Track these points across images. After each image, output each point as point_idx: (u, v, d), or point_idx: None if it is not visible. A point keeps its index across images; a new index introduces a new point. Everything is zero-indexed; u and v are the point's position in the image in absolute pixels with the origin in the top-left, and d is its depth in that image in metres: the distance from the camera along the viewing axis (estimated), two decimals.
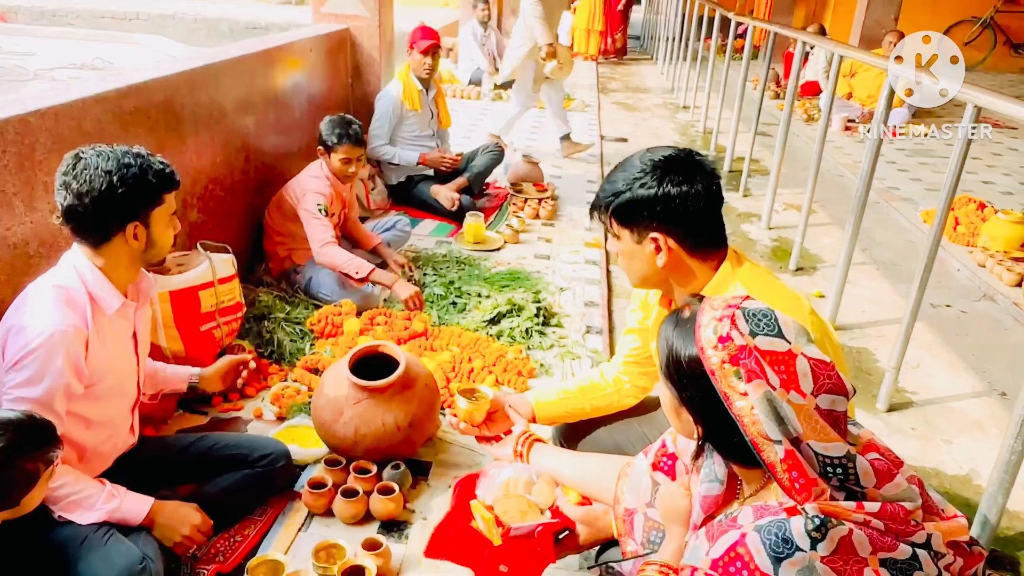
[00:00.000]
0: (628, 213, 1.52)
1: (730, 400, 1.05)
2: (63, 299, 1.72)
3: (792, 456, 1.02)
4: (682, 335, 1.14)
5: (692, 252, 1.53)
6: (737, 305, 1.10)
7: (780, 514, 1.02)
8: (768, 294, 1.51)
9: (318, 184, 3.37)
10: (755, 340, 1.06)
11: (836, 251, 4.64)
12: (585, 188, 5.61)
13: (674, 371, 1.15)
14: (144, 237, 1.79)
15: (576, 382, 2.00)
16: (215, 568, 1.93)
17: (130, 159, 1.73)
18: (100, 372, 1.79)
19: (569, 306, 3.62)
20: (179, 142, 2.94)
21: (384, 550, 1.95)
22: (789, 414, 1.03)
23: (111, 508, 1.77)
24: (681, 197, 1.47)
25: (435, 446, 2.50)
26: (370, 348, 2.39)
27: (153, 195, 1.77)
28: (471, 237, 4.29)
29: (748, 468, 1.16)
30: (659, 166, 1.50)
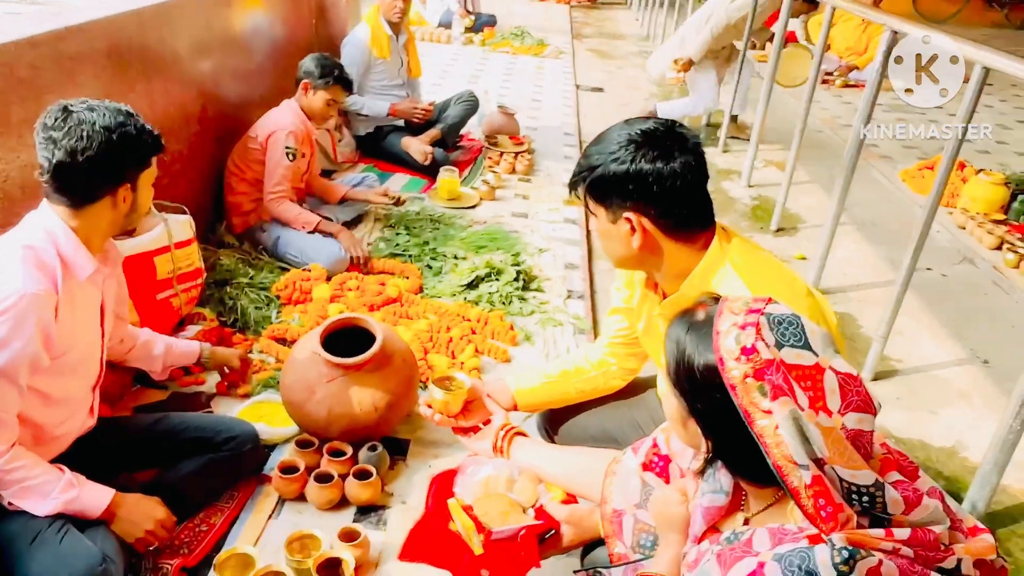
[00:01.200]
0: (602, 190, 1.41)
1: (751, 418, 0.94)
2: (32, 260, 1.57)
3: (820, 482, 0.92)
4: (696, 340, 1.01)
5: (671, 233, 1.41)
6: (760, 311, 0.98)
7: (801, 542, 0.92)
8: (764, 277, 1.41)
9: (291, 120, 3.22)
10: (781, 352, 0.94)
11: (817, 211, 4.58)
12: (563, 141, 5.42)
13: (685, 380, 1.03)
14: (131, 201, 1.68)
15: (559, 365, 1.88)
16: (179, 562, 1.80)
17: (123, 117, 1.63)
18: (67, 343, 1.64)
19: (549, 268, 3.48)
20: (127, 90, 2.68)
21: (362, 540, 1.84)
22: (816, 436, 0.92)
23: (68, 498, 1.62)
24: (655, 175, 1.35)
25: (413, 422, 2.37)
26: (343, 320, 2.24)
27: (145, 157, 1.68)
28: (445, 193, 4.10)
29: (759, 486, 1.06)
30: (634, 140, 1.38)
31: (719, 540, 1.04)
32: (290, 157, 3.17)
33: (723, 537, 1.04)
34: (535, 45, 8.52)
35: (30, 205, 2.12)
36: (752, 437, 0.94)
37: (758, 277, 1.38)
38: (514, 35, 8.81)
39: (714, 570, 0.97)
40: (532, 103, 6.30)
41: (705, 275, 1.41)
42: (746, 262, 1.40)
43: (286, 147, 3.15)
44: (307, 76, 3.25)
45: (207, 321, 2.64)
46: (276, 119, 3.24)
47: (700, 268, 1.41)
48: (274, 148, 3.17)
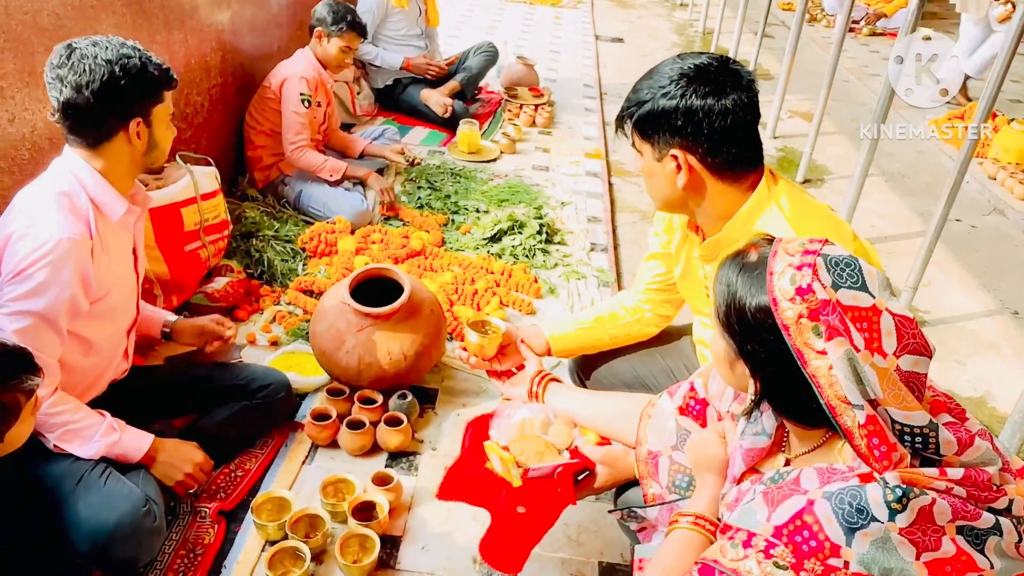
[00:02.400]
0: (649, 126, 1.37)
1: (805, 358, 0.93)
2: (66, 205, 1.57)
3: (874, 421, 0.91)
4: (749, 281, 1.00)
5: (718, 173, 1.38)
6: (817, 251, 0.96)
7: (851, 480, 0.92)
8: (810, 220, 1.39)
9: (303, 67, 3.18)
10: (837, 293, 0.93)
11: (844, 162, 4.50)
12: (582, 93, 5.33)
13: (735, 321, 1.02)
14: (146, 136, 1.65)
15: (593, 312, 1.87)
16: (217, 506, 1.84)
17: (128, 50, 1.59)
18: (105, 286, 1.65)
19: (572, 222, 3.46)
20: (148, 41, 2.65)
21: (395, 485, 1.87)
22: (871, 377, 0.91)
23: (111, 441, 1.65)
24: (705, 111, 1.31)
25: (440, 372, 2.40)
26: (371, 271, 2.24)
27: (155, 90, 1.64)
28: (465, 147, 4.06)
29: (806, 428, 1.06)
30: (687, 74, 1.34)
31: (762, 480, 1.05)
32: (305, 104, 3.13)
33: (767, 477, 1.04)
34: None
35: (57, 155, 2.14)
36: (802, 378, 0.94)
37: (805, 220, 1.36)
38: None
39: (760, 508, 0.98)
40: (551, 55, 6.19)
41: (750, 217, 1.39)
42: (793, 205, 1.37)
43: (300, 94, 3.12)
44: (319, 23, 3.19)
45: (234, 273, 2.65)
46: (289, 67, 3.20)
47: (745, 209, 1.39)
48: (288, 96, 3.14)
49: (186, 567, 1.70)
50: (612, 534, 1.87)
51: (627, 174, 4.19)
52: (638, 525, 1.45)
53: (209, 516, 1.82)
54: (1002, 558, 0.90)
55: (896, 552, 0.87)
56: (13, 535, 1.51)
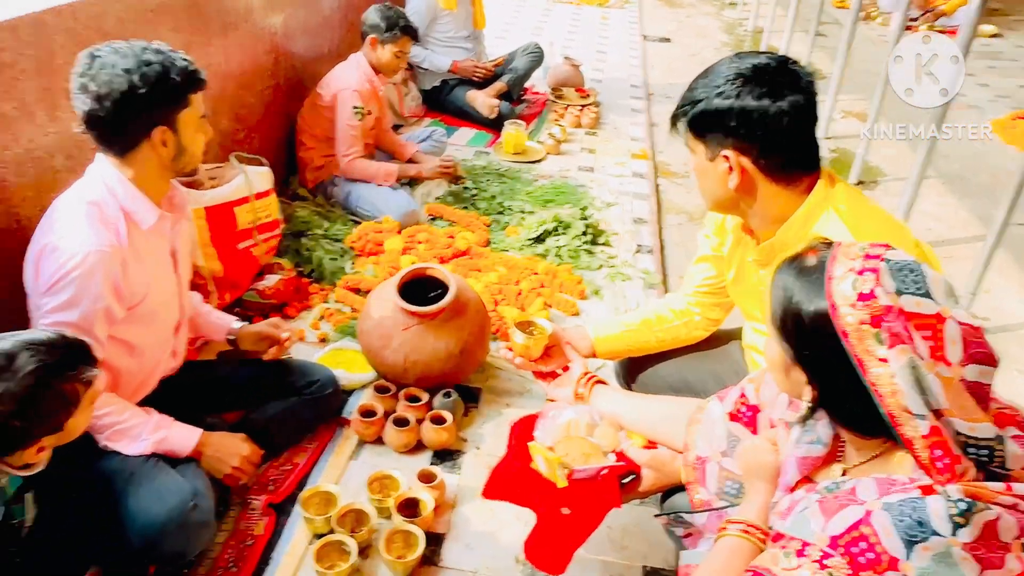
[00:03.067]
0: (703, 125, 1.36)
1: (865, 366, 0.91)
2: (96, 216, 1.58)
3: (937, 432, 0.89)
4: (807, 286, 0.98)
5: (772, 175, 1.36)
6: (880, 256, 0.94)
7: (912, 492, 0.89)
8: (870, 224, 1.35)
9: (356, 80, 3.22)
10: (900, 300, 0.90)
11: (898, 163, 4.37)
12: (629, 94, 5.29)
13: (792, 326, 1.00)
14: (173, 143, 1.63)
15: (639, 314, 1.86)
16: (267, 499, 1.88)
17: (150, 55, 1.55)
18: (140, 293, 1.68)
19: (617, 223, 3.44)
20: (205, 43, 2.73)
21: (439, 482, 1.89)
22: (934, 386, 0.89)
23: (158, 439, 1.70)
24: (760, 112, 1.29)
25: (484, 371, 2.41)
26: (418, 271, 2.26)
27: (178, 95, 1.60)
28: (511, 147, 4.07)
29: (864, 437, 1.03)
30: (743, 74, 1.32)
31: (817, 489, 1.02)
32: (358, 117, 3.18)
33: (822, 486, 1.02)
34: None
35: None
36: (861, 386, 0.92)
37: (864, 224, 1.33)
38: None
39: (815, 517, 0.95)
40: (597, 55, 6.16)
41: (806, 220, 1.36)
42: (852, 208, 1.34)
43: (354, 107, 3.16)
44: (373, 30, 3.22)
45: (285, 271, 2.71)
46: (342, 77, 3.24)
47: (801, 212, 1.36)
48: (342, 108, 3.18)
49: (236, 558, 1.74)
50: (656, 539, 1.85)
51: (674, 175, 4.14)
52: (684, 531, 1.43)
53: (259, 508, 1.86)
54: None
55: (958, 568, 0.85)
56: (72, 526, 1.56)
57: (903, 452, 0.98)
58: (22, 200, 1.90)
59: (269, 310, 2.56)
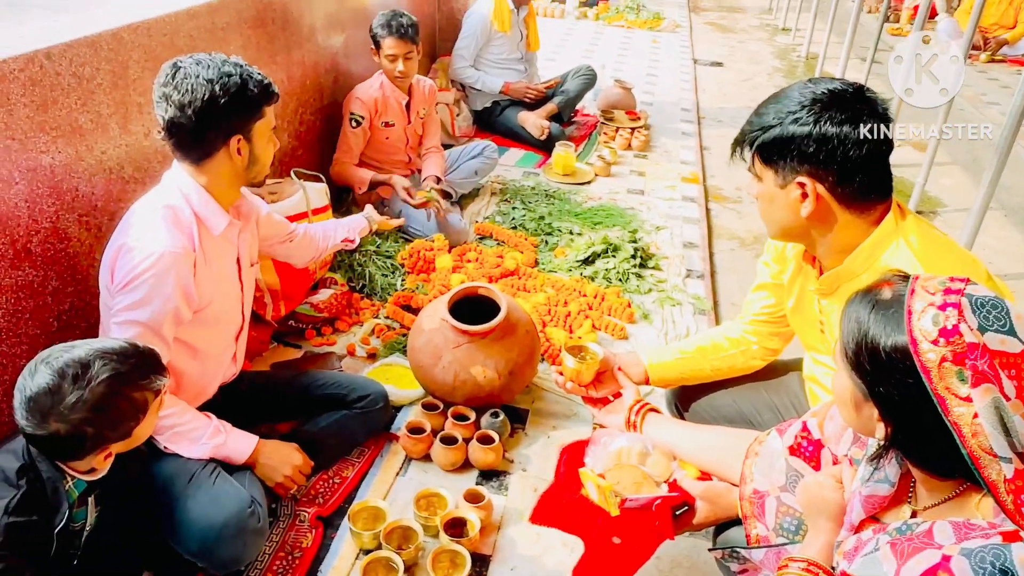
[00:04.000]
0: (775, 151, 1.33)
1: (947, 405, 0.88)
2: (171, 219, 1.65)
3: (1022, 476, 0.85)
4: (884, 320, 0.95)
5: (847, 203, 1.33)
6: (961, 291, 0.91)
7: (993, 538, 0.86)
8: (941, 258, 1.32)
9: (365, 90, 3.23)
10: (984, 337, 0.87)
11: (958, 194, 4.27)
12: (679, 117, 5.27)
13: (867, 361, 0.97)
14: (247, 152, 1.70)
15: (694, 341, 1.83)
16: (316, 511, 1.90)
17: (230, 68, 1.63)
18: (207, 296, 1.73)
19: (667, 247, 3.41)
20: (270, 61, 2.81)
21: (486, 503, 1.88)
22: (1020, 427, 0.86)
23: (217, 443, 1.74)
24: (840, 138, 1.27)
25: (531, 393, 2.40)
26: (469, 289, 2.27)
27: (255, 107, 1.67)
28: (560, 168, 4.09)
29: (938, 478, 0.99)
30: (820, 100, 1.29)
31: (887, 530, 0.99)
32: (352, 124, 3.19)
33: (893, 527, 0.99)
34: (651, 19, 8.32)
35: None
36: (940, 425, 0.89)
37: (934, 257, 1.29)
38: (629, 8, 8.63)
39: (887, 560, 0.92)
40: (648, 78, 6.16)
41: (874, 250, 1.34)
42: (922, 240, 1.31)
43: (351, 113, 3.19)
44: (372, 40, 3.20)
45: (338, 285, 2.75)
46: (358, 87, 3.26)
47: (869, 242, 1.34)
48: (345, 114, 3.22)
49: (285, 568, 1.76)
50: (705, 571, 1.81)
51: (725, 199, 4.10)
52: (739, 567, 1.40)
53: (308, 520, 1.88)
54: None
55: None
56: (134, 527, 1.59)
57: (981, 495, 0.95)
58: (93, 208, 1.97)
59: (321, 323, 2.60)
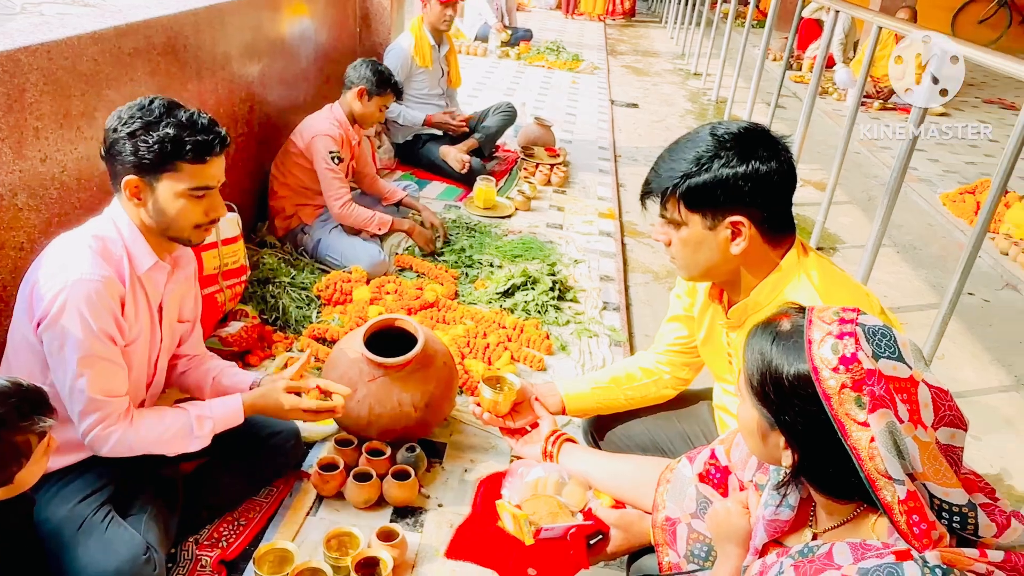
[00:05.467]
0: (703, 196, 1.35)
1: (846, 430, 0.92)
2: (98, 249, 1.57)
3: (914, 498, 0.89)
4: (786, 351, 0.99)
5: (769, 238, 1.39)
6: (854, 320, 0.96)
7: (887, 558, 0.90)
8: (839, 291, 1.39)
9: (327, 126, 3.21)
10: (878, 363, 0.92)
11: (855, 232, 4.53)
12: (597, 155, 5.42)
13: (772, 390, 1.00)
14: (149, 199, 1.59)
15: (609, 372, 1.86)
16: (218, 555, 1.80)
17: (155, 108, 1.55)
18: (132, 335, 1.64)
19: (584, 280, 3.47)
20: (180, 88, 2.73)
21: (400, 541, 1.83)
22: (912, 450, 0.90)
23: (208, 431, 1.71)
24: (768, 175, 1.32)
25: (449, 426, 2.37)
26: (385, 321, 2.24)
27: (157, 155, 1.54)
28: (481, 202, 4.12)
29: (837, 501, 1.03)
30: (738, 140, 1.35)
31: (790, 553, 1.02)
32: (335, 161, 3.19)
33: (795, 550, 1.01)
34: (570, 60, 8.56)
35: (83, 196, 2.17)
36: (840, 450, 0.92)
37: (833, 292, 1.36)
38: (549, 50, 8.87)
39: None
40: (567, 117, 6.32)
41: (778, 284, 1.39)
42: (822, 276, 1.38)
43: (329, 152, 3.17)
44: (363, 82, 3.22)
45: (249, 318, 2.66)
46: (313, 126, 3.23)
47: (774, 276, 1.39)
48: (318, 155, 3.17)
49: None
50: None
51: (640, 235, 4.22)
52: None
53: (210, 565, 1.78)
54: None
55: None
56: None
57: (876, 516, 0.99)
58: None
59: (232, 357, 2.50)
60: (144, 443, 1.63)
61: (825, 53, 4.53)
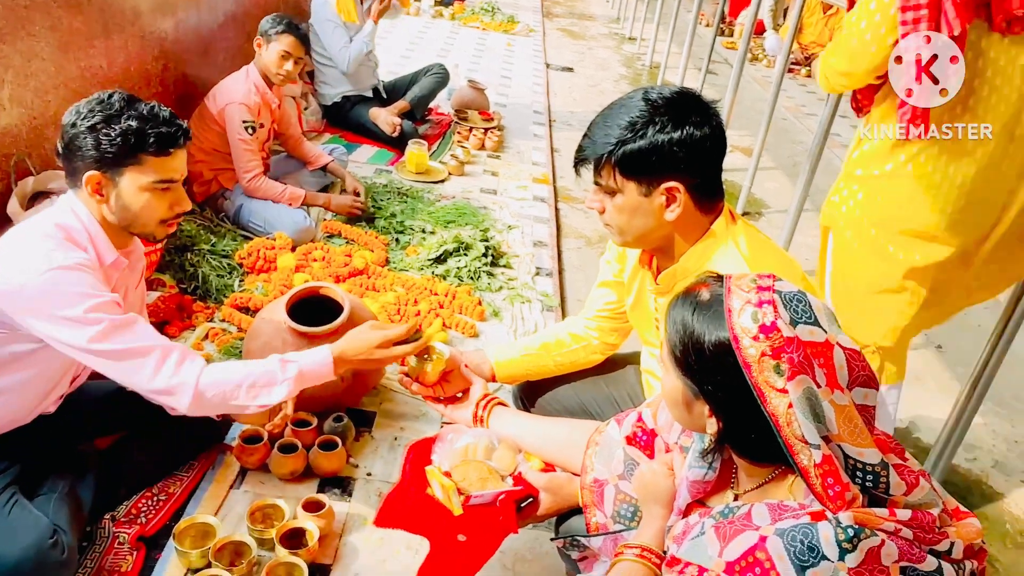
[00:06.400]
0: (638, 162, 1.34)
1: (765, 397, 0.93)
2: (63, 237, 1.49)
3: (829, 461, 0.92)
4: (706, 320, 0.99)
5: (701, 204, 1.39)
6: (771, 287, 0.97)
7: (803, 518, 0.92)
8: (765, 258, 1.41)
9: (242, 92, 3.06)
10: (796, 330, 0.93)
11: (781, 196, 4.65)
12: (531, 119, 5.38)
13: (694, 360, 1.00)
14: (111, 195, 1.53)
15: (539, 338, 1.86)
16: (136, 532, 1.74)
17: (115, 102, 1.50)
18: None
19: (518, 246, 3.46)
20: (86, 45, 2.56)
21: (327, 511, 1.80)
22: (829, 414, 0.92)
23: (294, 375, 1.57)
24: (702, 141, 1.32)
25: (379, 395, 2.34)
26: (309, 289, 2.18)
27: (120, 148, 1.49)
28: (413, 167, 4.04)
29: (758, 464, 1.06)
30: (671, 106, 1.34)
31: (712, 514, 1.04)
32: (249, 131, 3.04)
33: (716, 511, 1.03)
34: (505, 22, 8.43)
35: None
36: (760, 416, 0.93)
37: (760, 258, 1.37)
38: (484, 11, 8.70)
39: (712, 543, 0.96)
40: (502, 80, 6.24)
41: (706, 251, 1.40)
42: (750, 243, 1.39)
43: (243, 121, 3.02)
44: (260, 34, 3.08)
45: (166, 288, 2.55)
46: (229, 89, 3.07)
47: (702, 243, 1.40)
48: (231, 125, 3.03)
49: None
50: (548, 563, 1.84)
51: (573, 200, 4.22)
52: (579, 554, 1.42)
53: (128, 542, 1.72)
54: None
55: None
56: None
57: (793, 478, 1.01)
58: None
59: None
60: (232, 384, 1.52)
61: (754, 19, 4.57)
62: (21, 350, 1.51)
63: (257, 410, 1.57)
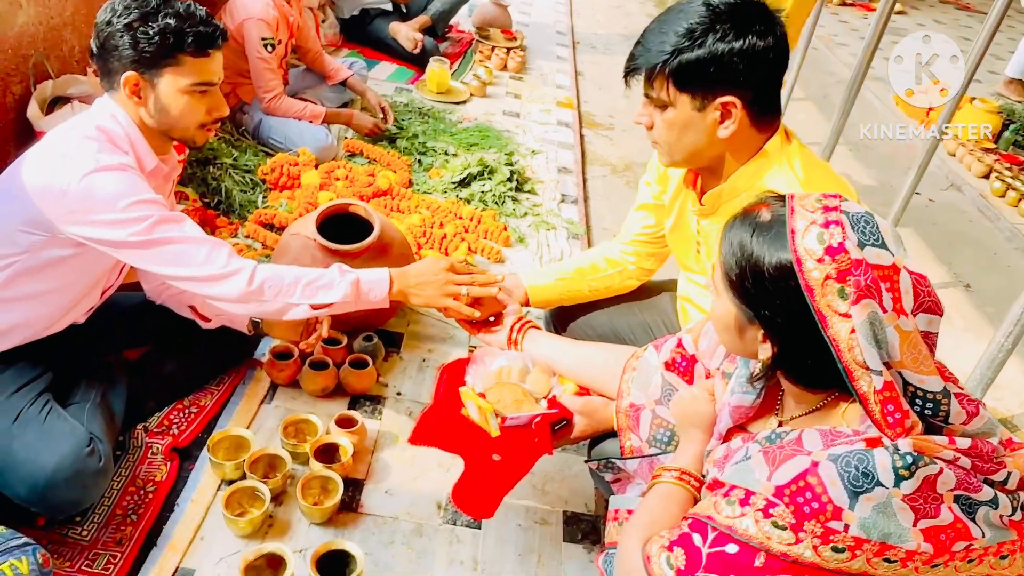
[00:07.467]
0: (694, 73, 1.26)
1: (827, 321, 0.89)
2: (105, 139, 1.46)
3: (890, 388, 0.89)
4: (766, 241, 0.94)
5: (757, 121, 1.32)
6: (838, 207, 0.92)
7: (857, 444, 0.90)
8: (820, 180, 1.35)
9: (260, 6, 2.92)
10: (864, 252, 0.89)
11: (811, 129, 4.51)
12: (555, 40, 5.19)
13: (752, 284, 0.96)
14: (149, 97, 1.49)
15: (573, 263, 1.82)
16: (169, 443, 1.75)
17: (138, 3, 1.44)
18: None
19: (542, 171, 3.38)
20: None
21: (360, 427, 1.81)
22: (893, 340, 0.89)
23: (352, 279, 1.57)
24: (764, 52, 1.23)
25: (406, 316, 2.33)
26: (339, 207, 2.13)
27: (159, 47, 1.44)
28: (434, 86, 3.92)
29: (810, 391, 1.03)
30: (734, 12, 1.24)
31: (757, 439, 1.02)
32: (268, 49, 2.93)
33: (762, 436, 1.02)
34: None
35: None
36: (819, 341, 0.90)
37: (815, 180, 1.32)
38: None
39: (759, 467, 0.95)
40: None
41: (759, 170, 1.34)
42: (805, 163, 1.34)
43: (262, 39, 2.90)
44: None
45: (189, 201, 2.51)
46: (245, 4, 2.93)
47: (755, 162, 1.34)
48: (250, 42, 2.90)
49: (136, 504, 1.62)
50: (577, 484, 1.86)
51: (598, 126, 4.11)
52: (613, 476, 1.43)
53: (161, 452, 1.73)
54: (990, 527, 0.90)
55: (895, 517, 0.86)
56: None
57: (847, 404, 1.00)
58: None
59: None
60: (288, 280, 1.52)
61: None
62: (60, 255, 1.48)
63: (308, 313, 1.56)
